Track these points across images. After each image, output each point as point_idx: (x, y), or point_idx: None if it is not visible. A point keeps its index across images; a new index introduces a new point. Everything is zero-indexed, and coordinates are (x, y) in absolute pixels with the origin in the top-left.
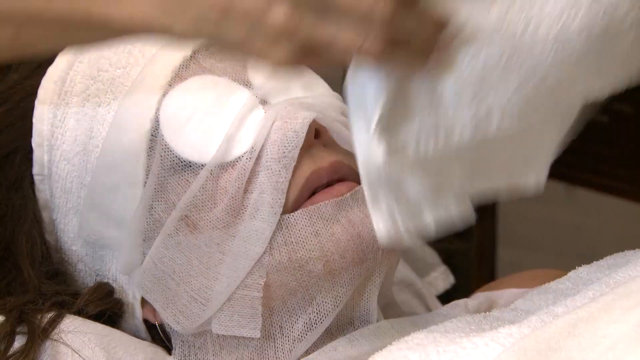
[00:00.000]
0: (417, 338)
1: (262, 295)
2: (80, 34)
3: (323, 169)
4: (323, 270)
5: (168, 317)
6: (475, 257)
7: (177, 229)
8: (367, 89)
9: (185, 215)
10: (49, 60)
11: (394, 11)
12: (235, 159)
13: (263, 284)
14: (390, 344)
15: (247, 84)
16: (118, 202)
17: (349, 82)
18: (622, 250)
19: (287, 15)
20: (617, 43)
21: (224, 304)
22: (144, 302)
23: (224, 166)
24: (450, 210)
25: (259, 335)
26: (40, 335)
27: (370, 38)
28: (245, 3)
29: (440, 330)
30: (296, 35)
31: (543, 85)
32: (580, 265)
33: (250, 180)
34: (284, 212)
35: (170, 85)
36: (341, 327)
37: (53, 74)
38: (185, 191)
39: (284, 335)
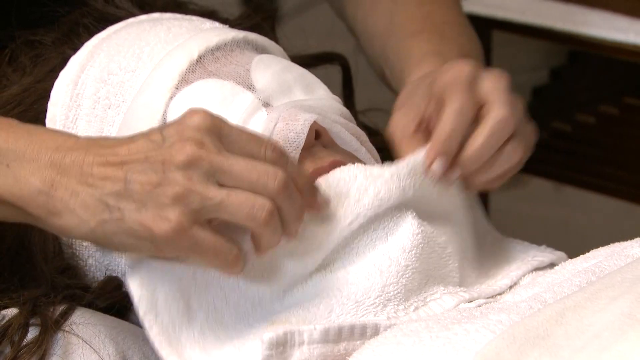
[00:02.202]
0: (412, 326)
1: None
2: None
3: (323, 168)
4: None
5: None
6: None
7: None
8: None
9: None
10: (62, 64)
11: (280, 187)
12: None
13: None
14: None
15: (250, 87)
16: None
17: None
18: (607, 244)
19: (180, 181)
20: None
21: None
22: None
23: None
24: None
25: None
26: (52, 327)
27: (258, 204)
28: (144, 175)
29: (433, 319)
30: (188, 200)
31: None
32: (567, 259)
33: None
34: None
35: (177, 89)
36: None
37: (65, 77)
38: None
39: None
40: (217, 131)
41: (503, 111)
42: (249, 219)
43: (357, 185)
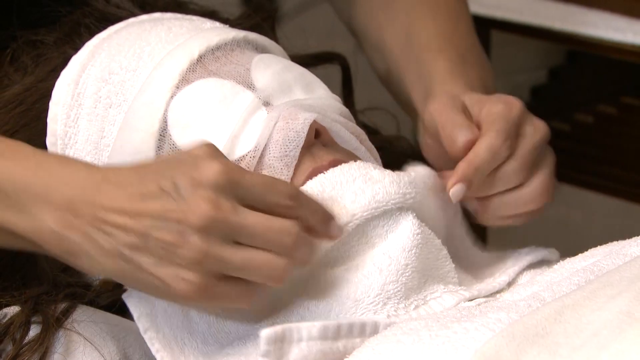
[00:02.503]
0: (411, 324)
1: None
2: None
3: (323, 167)
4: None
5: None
6: None
7: None
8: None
9: None
10: (63, 64)
11: (295, 243)
12: (240, 157)
13: None
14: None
15: (250, 87)
16: None
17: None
18: (605, 243)
19: (198, 245)
20: None
21: None
22: None
23: None
24: None
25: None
26: (54, 325)
27: (275, 264)
28: (161, 232)
29: (433, 317)
30: (207, 263)
31: None
32: (566, 257)
33: None
34: None
35: (177, 88)
36: None
37: (67, 76)
38: None
39: None
40: (232, 187)
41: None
42: (267, 278)
43: (354, 189)
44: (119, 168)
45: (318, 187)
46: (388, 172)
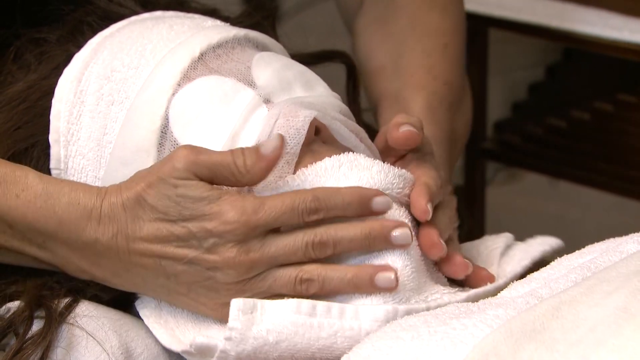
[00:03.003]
0: (410, 320)
1: None
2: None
3: None
4: None
5: None
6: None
7: None
8: None
9: None
10: (66, 61)
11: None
12: None
13: None
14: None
15: (251, 84)
16: None
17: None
18: (602, 239)
19: (230, 285)
20: None
21: None
22: None
23: None
24: None
25: None
26: (56, 319)
27: (299, 278)
28: (185, 278)
29: (432, 314)
30: (242, 293)
31: None
32: (563, 254)
33: None
34: None
35: (179, 85)
36: None
37: (69, 74)
38: None
39: None
40: (252, 225)
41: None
42: (294, 292)
43: (338, 175)
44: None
45: (297, 180)
46: (378, 162)
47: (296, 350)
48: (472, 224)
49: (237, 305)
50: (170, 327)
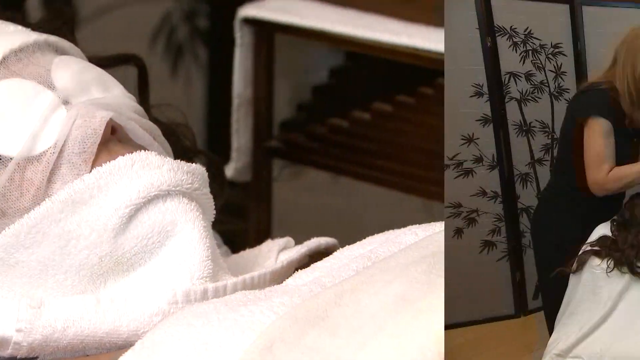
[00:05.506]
0: (201, 307)
1: None
2: None
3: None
4: None
5: None
6: (253, 238)
7: None
8: None
9: None
10: None
11: None
12: (40, 153)
13: None
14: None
15: (51, 86)
16: None
17: None
18: (382, 231)
19: None
20: None
21: None
22: None
23: (30, 160)
24: None
25: None
26: None
27: None
28: None
29: (222, 301)
30: None
31: None
32: (345, 245)
33: (53, 172)
34: None
35: None
36: None
37: None
38: None
39: None
40: None
41: None
42: None
43: (131, 174)
44: None
45: (93, 179)
46: (169, 160)
47: (84, 335)
48: (258, 218)
49: (26, 301)
50: None
